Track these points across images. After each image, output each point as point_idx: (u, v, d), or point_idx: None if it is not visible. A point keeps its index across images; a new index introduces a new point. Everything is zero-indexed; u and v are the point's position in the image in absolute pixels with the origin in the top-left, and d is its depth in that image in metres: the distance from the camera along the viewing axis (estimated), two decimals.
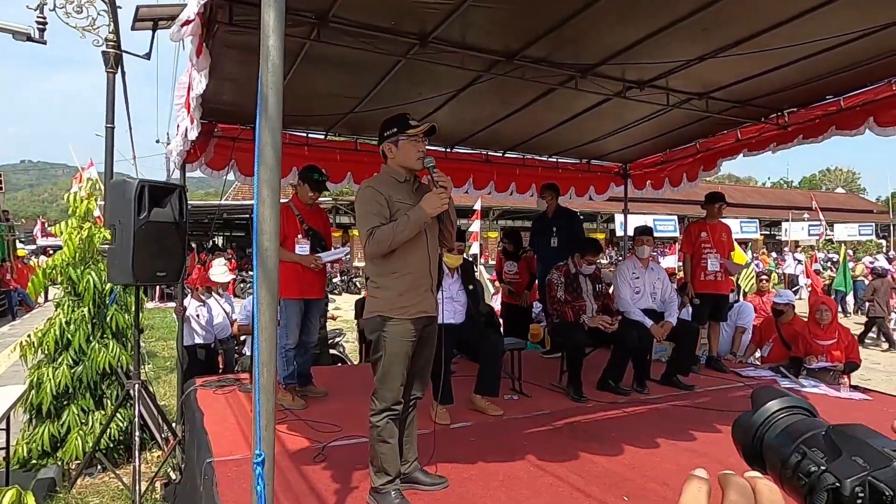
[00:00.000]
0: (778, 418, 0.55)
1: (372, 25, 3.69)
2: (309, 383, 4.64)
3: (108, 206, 4.29)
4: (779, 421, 0.55)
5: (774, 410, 0.55)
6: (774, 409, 0.55)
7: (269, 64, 1.51)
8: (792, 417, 0.55)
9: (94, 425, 4.54)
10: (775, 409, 0.55)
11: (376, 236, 2.61)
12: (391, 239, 2.62)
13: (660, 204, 25.12)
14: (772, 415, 0.55)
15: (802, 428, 0.53)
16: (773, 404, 0.56)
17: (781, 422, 0.55)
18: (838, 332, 5.40)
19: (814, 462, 0.48)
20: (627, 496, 2.89)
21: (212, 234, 27.22)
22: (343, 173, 6.09)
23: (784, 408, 0.55)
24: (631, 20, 3.76)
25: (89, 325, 4.66)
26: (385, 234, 2.61)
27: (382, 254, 2.66)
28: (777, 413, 0.55)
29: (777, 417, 0.55)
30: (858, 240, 28.19)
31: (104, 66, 6.01)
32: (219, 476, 3.04)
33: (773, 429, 0.54)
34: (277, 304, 1.58)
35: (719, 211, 5.78)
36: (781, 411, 0.55)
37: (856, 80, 4.75)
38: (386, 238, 2.61)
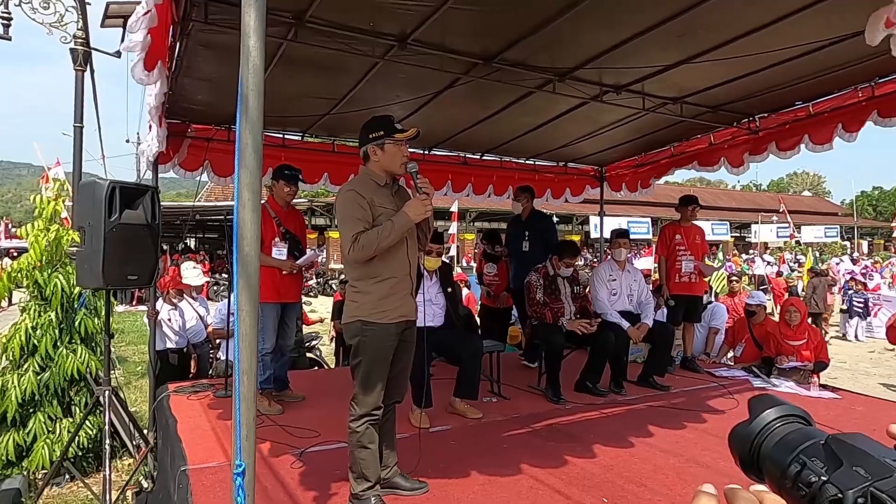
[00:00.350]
0: (775, 427, 0.54)
1: (350, 26, 3.66)
2: (286, 388, 4.57)
3: (77, 207, 4.16)
4: (776, 430, 0.54)
5: (771, 419, 0.55)
6: (771, 419, 0.55)
7: (249, 65, 1.48)
8: (789, 426, 0.54)
9: (61, 433, 4.41)
10: (772, 419, 0.55)
11: (361, 242, 2.58)
12: (376, 244, 2.59)
13: (634, 206, 25.50)
14: (769, 424, 0.55)
15: (801, 437, 0.52)
16: (770, 413, 0.55)
17: (779, 431, 0.54)
18: (808, 332, 5.53)
19: (814, 472, 0.48)
20: (606, 498, 2.91)
21: (184, 235, 26.74)
22: (319, 173, 6.03)
23: (781, 416, 0.55)
24: (607, 25, 3.80)
25: (57, 330, 4.53)
26: (370, 240, 2.58)
27: (366, 259, 2.63)
28: (774, 422, 0.55)
29: (774, 426, 0.54)
30: (824, 242, 29.01)
31: (72, 63, 5.84)
32: (193, 484, 2.97)
33: (770, 438, 0.54)
34: (259, 311, 1.54)
35: (693, 213, 5.87)
36: (778, 420, 0.55)
37: (824, 86, 4.88)
38: (371, 244, 2.58)
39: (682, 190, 10.34)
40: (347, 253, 2.61)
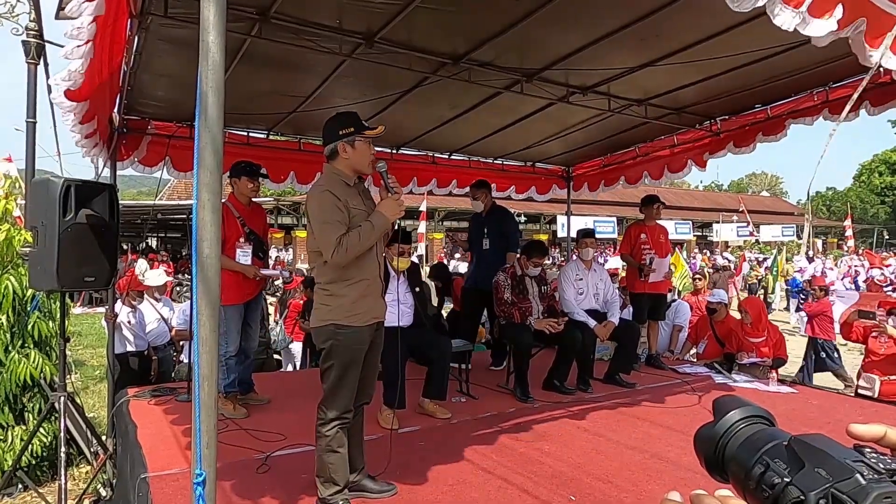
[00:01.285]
0: (739, 428, 0.54)
1: (316, 23, 3.61)
2: (251, 391, 4.48)
3: (30, 206, 3.99)
4: (740, 431, 0.54)
5: (736, 420, 0.55)
6: (736, 419, 0.55)
7: (209, 62, 1.43)
8: (753, 427, 0.54)
9: (13, 441, 4.23)
10: (737, 419, 0.55)
11: (345, 244, 2.51)
12: (359, 246, 2.54)
13: (600, 206, 25.87)
14: (733, 425, 0.55)
15: (765, 438, 0.52)
16: (735, 414, 0.55)
17: (743, 432, 0.54)
18: (767, 330, 5.69)
19: (777, 474, 0.48)
20: (574, 495, 2.94)
21: (145, 235, 26.04)
22: (286, 172, 5.93)
23: (745, 417, 0.55)
24: (573, 28, 3.85)
25: (8, 334, 4.33)
26: (353, 242, 2.52)
27: (349, 261, 2.57)
28: (738, 423, 0.55)
29: (738, 427, 0.55)
30: (781, 240, 29.93)
31: (25, 56, 5.61)
32: (154, 492, 2.88)
33: (735, 439, 0.54)
34: (219, 315, 1.50)
35: (657, 212, 5.97)
36: (742, 421, 0.55)
37: (781, 90, 5.04)
38: (354, 246, 2.53)
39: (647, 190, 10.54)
40: (331, 256, 2.53)
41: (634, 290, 5.93)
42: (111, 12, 2.34)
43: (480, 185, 5.76)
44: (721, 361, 5.82)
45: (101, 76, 2.96)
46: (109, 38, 2.64)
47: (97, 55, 2.44)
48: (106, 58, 2.79)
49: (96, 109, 3.31)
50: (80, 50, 2.19)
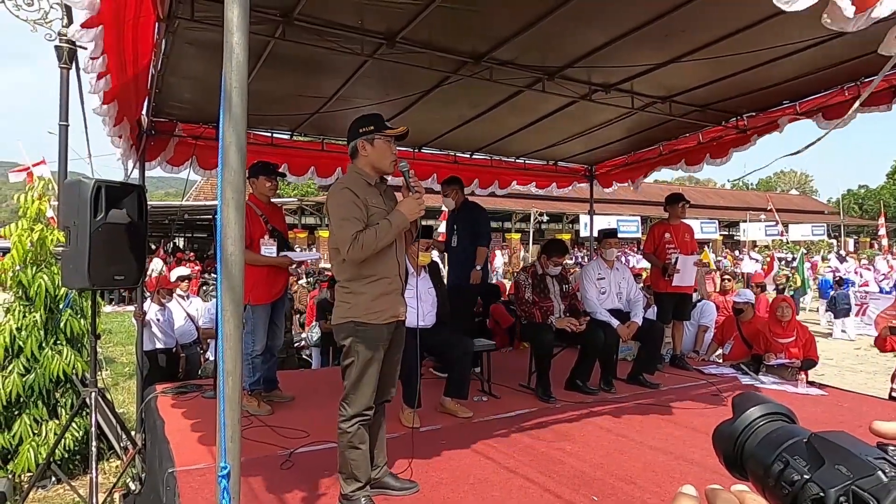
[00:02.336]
0: (759, 425, 0.54)
1: (338, 24, 3.64)
2: (275, 388, 4.54)
3: (63, 206, 4.11)
4: (760, 428, 0.54)
5: (755, 417, 0.55)
6: (755, 417, 0.55)
7: (233, 62, 1.46)
8: (773, 424, 0.54)
9: (47, 435, 4.36)
10: (756, 417, 0.55)
11: (361, 241, 2.55)
12: (375, 244, 2.57)
13: (624, 205, 25.61)
14: (752, 422, 0.54)
15: (784, 435, 0.52)
16: (754, 411, 0.55)
17: (762, 429, 0.54)
18: (797, 330, 5.57)
19: (797, 471, 0.48)
20: (596, 496, 2.91)
21: (172, 235, 26.54)
22: (306, 167, 6.01)
23: (764, 414, 0.55)
24: (596, 25, 3.81)
25: (42, 331, 4.47)
26: (369, 239, 2.56)
27: (364, 258, 2.61)
28: (758, 420, 0.54)
29: (758, 424, 0.54)
30: (811, 240, 29.27)
31: (57, 61, 5.77)
32: (181, 486, 2.94)
33: (754, 436, 0.54)
34: (242, 312, 1.52)
35: (682, 211, 5.88)
36: (762, 418, 0.54)
37: (810, 86, 4.91)
38: (370, 243, 2.56)
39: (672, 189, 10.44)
40: (346, 252, 2.57)
41: (659, 289, 5.85)
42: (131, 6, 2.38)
43: (451, 181, 5.56)
44: (748, 362, 5.71)
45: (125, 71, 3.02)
46: (132, 34, 2.70)
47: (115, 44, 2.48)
48: (129, 57, 2.85)
49: (124, 108, 3.38)
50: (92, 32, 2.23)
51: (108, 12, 2.38)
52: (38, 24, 5.84)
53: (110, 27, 2.51)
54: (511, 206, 25.29)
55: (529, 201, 22.86)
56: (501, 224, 29.71)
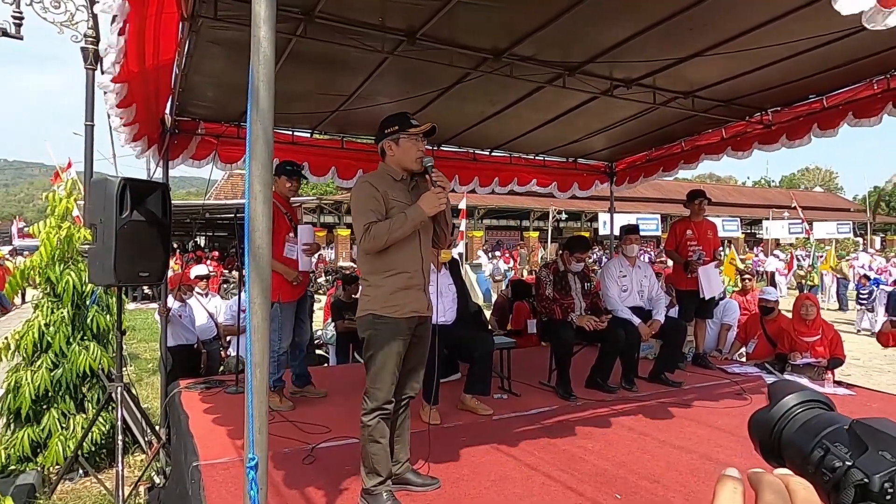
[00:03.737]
0: (796, 413, 0.54)
1: (359, 21, 3.65)
2: (308, 383, 4.58)
3: (89, 204, 4.18)
4: (798, 416, 0.53)
5: (792, 405, 0.54)
6: (792, 404, 0.54)
7: (260, 56, 1.47)
8: (811, 412, 0.53)
9: (75, 429, 4.44)
10: (793, 404, 0.54)
11: (372, 232, 2.59)
12: (387, 235, 2.60)
13: (644, 203, 25.37)
14: (790, 409, 0.54)
15: (823, 422, 0.51)
16: (791, 399, 0.54)
17: (800, 416, 0.53)
18: (822, 328, 5.46)
19: (838, 457, 0.47)
20: (619, 494, 2.89)
21: (194, 234, 26.90)
22: (327, 168, 6.04)
23: (802, 402, 0.54)
24: (618, 20, 3.77)
25: (69, 327, 4.55)
26: (381, 231, 2.59)
27: (377, 250, 2.64)
28: (795, 407, 0.54)
29: (795, 412, 0.54)
30: (836, 238, 28.69)
31: (83, 62, 5.88)
32: (205, 479, 2.98)
33: (792, 424, 0.53)
34: (270, 305, 1.54)
35: (701, 207, 5.80)
36: (799, 406, 0.54)
37: (837, 80, 4.81)
38: (382, 234, 2.59)
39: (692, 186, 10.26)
40: (360, 243, 2.63)
41: (680, 287, 5.78)
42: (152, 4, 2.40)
43: None
44: (772, 361, 5.62)
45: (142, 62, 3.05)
46: (153, 28, 2.73)
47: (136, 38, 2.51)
48: (150, 47, 2.88)
49: (134, 97, 3.42)
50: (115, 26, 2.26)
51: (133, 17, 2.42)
52: (65, 26, 5.95)
53: (133, 31, 2.55)
54: (529, 205, 25.22)
55: (548, 199, 22.76)
56: (520, 222, 29.62)
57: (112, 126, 4.01)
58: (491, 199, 25.25)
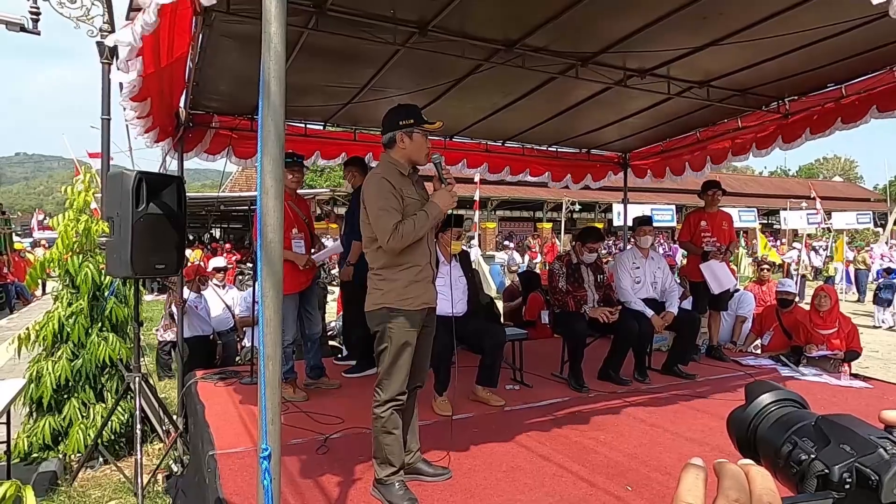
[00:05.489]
0: (770, 410, 0.57)
1: (370, 14, 3.65)
2: (322, 375, 4.62)
3: (106, 197, 4.25)
4: (771, 413, 0.57)
5: (767, 403, 0.58)
6: (767, 402, 0.58)
7: (271, 52, 1.48)
8: (783, 409, 0.57)
9: (95, 418, 4.53)
10: (768, 402, 0.58)
11: (401, 231, 2.62)
12: (414, 234, 2.64)
13: (658, 193, 25.13)
14: (764, 407, 0.57)
15: (794, 419, 0.55)
16: (766, 397, 0.58)
17: (774, 414, 0.57)
18: (839, 320, 5.40)
19: (804, 451, 0.50)
20: (630, 486, 2.90)
21: (210, 226, 27.16)
22: (338, 152, 6.08)
23: (776, 400, 0.58)
24: (631, 8, 3.73)
25: (88, 318, 4.63)
26: (409, 230, 2.63)
27: (403, 248, 2.66)
28: (769, 406, 0.57)
29: (769, 410, 0.57)
30: (856, 228, 28.20)
31: (99, 57, 5.93)
32: (221, 468, 3.04)
33: (766, 421, 0.57)
34: (282, 297, 1.56)
35: (715, 198, 5.74)
36: (773, 404, 0.57)
37: (856, 68, 4.72)
38: (410, 233, 2.63)
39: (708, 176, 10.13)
40: (387, 242, 2.63)
41: (694, 279, 5.74)
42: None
43: (350, 161, 5.14)
44: (788, 354, 5.57)
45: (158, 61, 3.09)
46: (168, 27, 2.76)
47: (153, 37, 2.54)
48: (165, 47, 2.91)
49: (148, 91, 3.46)
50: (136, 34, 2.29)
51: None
52: (81, 20, 6.01)
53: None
54: (543, 196, 25.10)
55: (561, 190, 22.65)
56: (533, 213, 29.50)
57: (126, 119, 4.05)
58: (504, 190, 25.18)
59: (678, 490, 0.45)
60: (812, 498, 0.47)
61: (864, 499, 0.45)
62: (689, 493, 0.44)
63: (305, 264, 4.31)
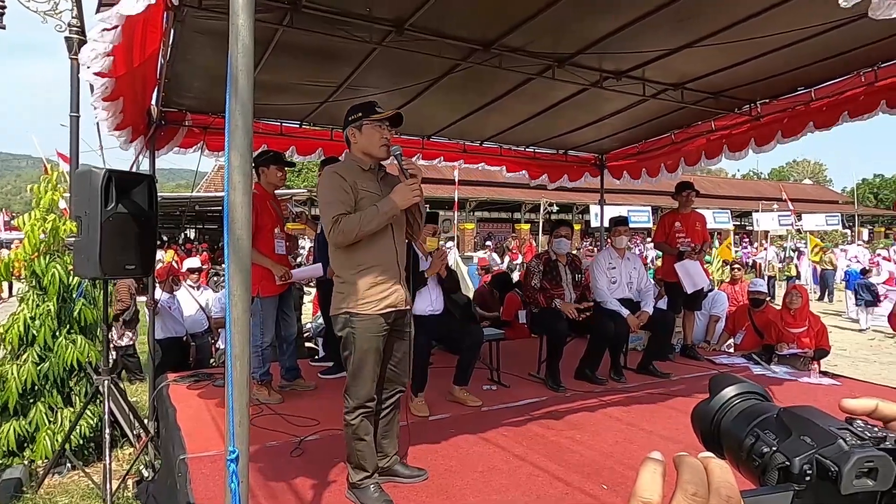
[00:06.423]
0: (733, 404, 0.57)
1: (346, 12, 3.62)
2: (298, 377, 4.56)
3: (74, 196, 4.13)
4: (735, 406, 0.57)
5: (730, 396, 0.57)
6: (730, 396, 0.57)
7: (239, 45, 1.45)
8: (747, 402, 0.57)
9: (62, 423, 4.41)
10: (731, 395, 0.57)
11: (342, 225, 2.52)
12: (357, 230, 2.53)
13: (634, 195, 25.43)
14: (728, 400, 0.57)
15: (756, 412, 0.55)
16: (729, 390, 0.58)
17: (737, 407, 0.57)
18: (809, 319, 5.51)
19: (766, 443, 0.50)
20: (606, 484, 2.91)
21: (183, 226, 26.73)
22: (314, 148, 6.04)
23: (739, 393, 0.57)
24: (608, 10, 3.76)
25: (55, 321, 4.51)
26: (351, 225, 2.53)
27: (347, 244, 2.58)
28: (732, 399, 0.57)
29: (732, 403, 0.57)
30: (825, 230, 28.90)
31: (68, 52, 5.79)
32: (192, 472, 2.97)
33: (729, 414, 0.56)
34: (251, 296, 1.52)
35: (688, 199, 5.83)
36: (737, 397, 0.57)
37: (825, 71, 4.83)
38: (352, 228, 2.53)
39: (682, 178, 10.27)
40: (328, 236, 2.56)
41: (670, 279, 5.81)
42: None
43: (327, 162, 4.91)
44: (759, 352, 5.67)
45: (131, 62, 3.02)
46: (142, 24, 2.70)
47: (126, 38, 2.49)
48: (138, 43, 2.85)
49: (122, 91, 3.38)
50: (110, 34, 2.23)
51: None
52: (48, 15, 5.86)
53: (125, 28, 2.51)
54: (521, 197, 25.22)
55: (539, 192, 22.79)
56: (511, 214, 29.63)
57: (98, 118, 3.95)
58: (482, 191, 25.25)
59: (636, 486, 0.44)
60: (773, 490, 0.47)
61: (824, 490, 0.45)
62: (645, 490, 0.43)
63: (282, 277, 4.20)
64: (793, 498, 0.46)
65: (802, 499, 0.46)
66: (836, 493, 0.44)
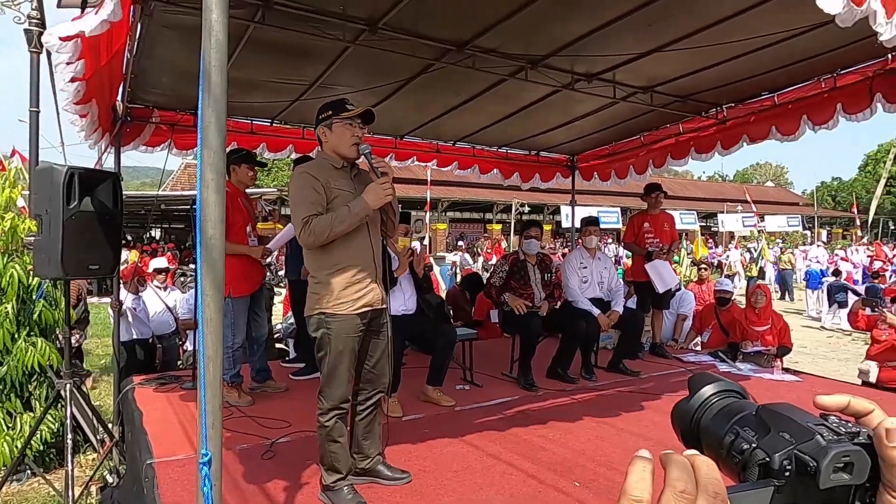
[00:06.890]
0: (713, 402, 0.58)
1: (319, 9, 3.58)
2: (269, 378, 4.50)
3: (34, 195, 3.99)
4: (714, 404, 0.57)
5: (709, 395, 0.58)
6: (709, 394, 0.58)
7: (212, 40, 1.41)
8: (726, 400, 0.57)
9: (22, 428, 4.26)
10: (710, 394, 0.58)
11: (312, 226, 2.48)
12: (329, 231, 2.50)
13: (604, 196, 25.78)
14: (707, 399, 0.58)
15: (735, 409, 0.55)
16: (708, 389, 0.58)
17: (716, 405, 0.57)
18: (772, 318, 5.67)
19: (745, 440, 0.51)
20: (578, 481, 2.94)
21: (149, 226, 26.09)
22: (284, 145, 5.97)
23: (718, 392, 0.58)
24: (580, 13, 3.80)
25: (14, 323, 4.35)
26: (323, 226, 2.49)
27: (318, 245, 2.54)
28: (712, 397, 0.58)
29: (712, 401, 0.58)
30: (786, 231, 29.81)
31: (27, 45, 5.59)
32: (160, 478, 2.90)
33: (708, 412, 0.57)
34: (223, 297, 1.49)
35: (657, 200, 5.94)
36: (715, 395, 0.58)
37: (788, 77, 4.97)
38: (324, 230, 2.49)
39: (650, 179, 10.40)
40: (299, 237, 2.52)
41: (638, 279, 5.91)
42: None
43: (300, 161, 4.72)
44: (725, 350, 5.81)
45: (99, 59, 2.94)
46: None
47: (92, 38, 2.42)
48: (104, 40, 2.77)
49: (93, 93, 3.29)
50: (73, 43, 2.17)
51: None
52: (6, 6, 5.65)
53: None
54: (492, 197, 25.33)
55: (511, 192, 22.93)
56: (483, 215, 29.74)
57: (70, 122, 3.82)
58: (454, 192, 25.27)
59: (626, 483, 0.44)
60: (754, 486, 0.48)
61: (803, 485, 0.46)
62: (635, 487, 0.44)
63: (263, 254, 4.17)
64: (773, 493, 0.47)
65: (782, 494, 0.47)
66: (814, 488, 0.45)
